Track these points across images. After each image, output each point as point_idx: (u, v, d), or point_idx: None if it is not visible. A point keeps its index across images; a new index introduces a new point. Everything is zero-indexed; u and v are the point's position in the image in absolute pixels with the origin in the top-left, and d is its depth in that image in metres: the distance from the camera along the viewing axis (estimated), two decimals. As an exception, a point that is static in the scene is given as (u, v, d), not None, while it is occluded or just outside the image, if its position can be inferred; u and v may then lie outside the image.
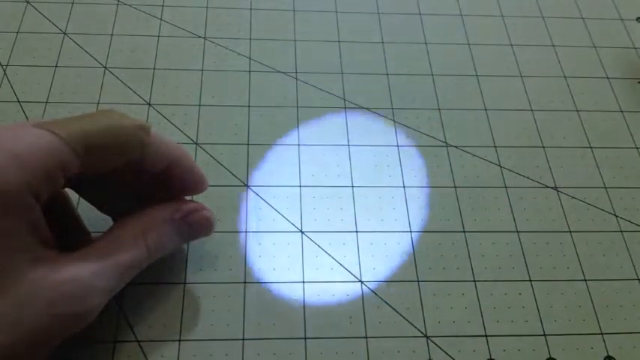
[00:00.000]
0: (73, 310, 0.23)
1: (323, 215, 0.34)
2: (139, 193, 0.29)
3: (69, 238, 0.27)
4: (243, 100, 0.39)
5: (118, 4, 0.43)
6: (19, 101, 0.37)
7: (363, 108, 0.39)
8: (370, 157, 0.37)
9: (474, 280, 0.32)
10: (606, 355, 0.30)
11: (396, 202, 0.35)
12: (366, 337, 0.30)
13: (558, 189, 0.36)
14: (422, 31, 0.44)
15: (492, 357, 0.30)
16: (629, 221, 0.35)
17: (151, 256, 0.26)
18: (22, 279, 0.22)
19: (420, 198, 0.35)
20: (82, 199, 0.31)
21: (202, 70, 0.40)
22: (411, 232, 0.34)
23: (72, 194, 0.30)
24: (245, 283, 0.31)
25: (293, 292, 0.31)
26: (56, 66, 0.39)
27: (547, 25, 0.45)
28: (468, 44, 0.43)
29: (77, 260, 0.24)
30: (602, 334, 0.31)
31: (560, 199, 0.36)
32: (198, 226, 0.29)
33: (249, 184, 0.35)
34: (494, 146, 0.38)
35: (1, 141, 0.22)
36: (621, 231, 0.35)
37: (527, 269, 0.33)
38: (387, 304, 0.31)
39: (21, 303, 0.22)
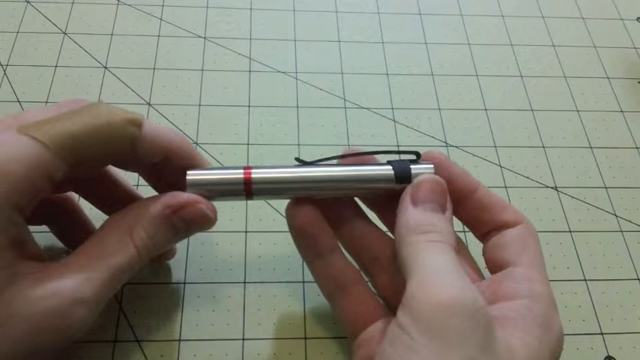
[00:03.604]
0: (56, 326, 0.22)
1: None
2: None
3: (78, 240, 0.26)
4: (243, 100, 0.39)
5: (118, 4, 0.43)
6: (19, 101, 0.37)
7: (363, 108, 0.39)
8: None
9: (474, 280, 0.32)
10: (606, 355, 0.30)
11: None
12: (366, 337, 0.30)
13: (558, 189, 0.36)
14: (422, 31, 0.44)
15: (492, 357, 0.30)
16: (629, 221, 0.35)
17: (141, 257, 0.24)
18: None
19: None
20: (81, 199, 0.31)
21: (202, 70, 0.40)
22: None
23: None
24: (245, 283, 0.31)
25: (293, 292, 0.31)
26: (56, 66, 0.39)
27: (547, 25, 0.45)
28: (468, 44, 0.43)
29: (61, 271, 0.22)
30: (602, 334, 0.31)
31: (560, 199, 0.36)
32: (195, 222, 0.26)
33: (249, 184, 0.35)
34: (495, 146, 0.38)
35: None
36: (621, 231, 0.35)
37: (528, 269, 0.33)
38: (387, 304, 0.31)
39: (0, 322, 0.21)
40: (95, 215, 0.30)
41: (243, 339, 0.29)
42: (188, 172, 0.26)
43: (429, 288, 0.21)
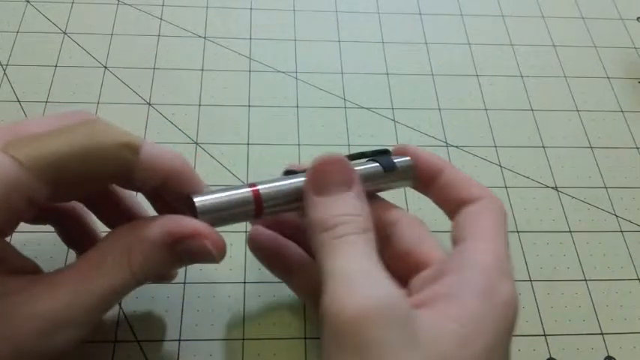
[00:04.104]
0: (39, 349, 0.21)
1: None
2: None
3: (81, 244, 0.25)
4: (243, 100, 0.39)
5: (118, 4, 0.43)
6: (19, 101, 0.37)
7: (363, 108, 0.39)
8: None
9: (474, 280, 0.32)
10: (606, 355, 0.30)
11: (395, 202, 0.35)
12: (366, 337, 0.30)
13: (558, 189, 0.36)
14: (422, 30, 0.44)
15: (492, 357, 0.30)
16: (630, 221, 0.35)
17: (137, 280, 0.23)
18: None
19: (420, 198, 0.35)
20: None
21: (202, 70, 0.40)
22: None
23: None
24: (245, 283, 0.31)
25: (293, 292, 0.31)
26: (56, 66, 0.39)
27: (547, 25, 0.45)
28: (468, 44, 0.43)
29: (49, 289, 0.21)
30: (602, 334, 0.31)
31: (560, 199, 0.36)
32: (197, 256, 0.24)
33: (249, 184, 0.35)
34: (495, 146, 0.38)
35: None
36: (622, 231, 0.35)
37: (528, 269, 0.33)
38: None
39: None
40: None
41: (243, 339, 0.29)
42: (196, 200, 0.23)
43: (335, 304, 0.20)
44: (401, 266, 0.24)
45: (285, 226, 0.27)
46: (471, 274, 0.22)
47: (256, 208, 0.24)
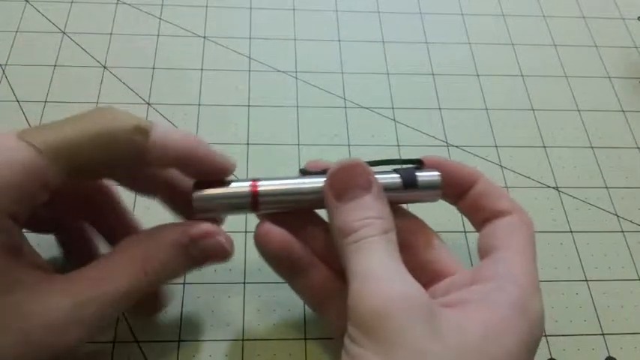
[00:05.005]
0: (48, 343, 0.21)
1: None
2: (147, 193, 0.27)
3: (118, 236, 0.25)
4: (242, 100, 0.38)
5: (117, 4, 0.43)
6: (18, 101, 0.37)
7: (363, 108, 0.39)
8: (371, 157, 0.37)
9: (475, 281, 0.32)
10: (607, 355, 0.30)
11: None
12: (366, 338, 0.30)
13: (559, 189, 0.36)
14: (422, 30, 0.44)
15: (493, 358, 0.30)
16: (631, 221, 0.35)
17: (150, 284, 0.24)
18: None
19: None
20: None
21: (202, 69, 0.40)
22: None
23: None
24: (245, 283, 0.31)
25: (293, 292, 0.31)
26: (55, 65, 0.39)
27: (548, 25, 0.45)
28: (469, 43, 0.43)
29: (63, 286, 0.22)
30: (603, 334, 0.31)
31: (561, 199, 0.36)
32: (211, 253, 0.25)
33: (249, 184, 0.35)
34: (495, 146, 0.38)
35: None
36: (623, 231, 0.35)
37: (528, 269, 0.33)
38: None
39: None
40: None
41: (243, 339, 0.29)
42: (194, 196, 0.25)
43: (361, 297, 0.21)
44: (417, 274, 0.24)
45: (295, 224, 0.26)
46: (506, 285, 0.22)
47: (252, 202, 0.25)
